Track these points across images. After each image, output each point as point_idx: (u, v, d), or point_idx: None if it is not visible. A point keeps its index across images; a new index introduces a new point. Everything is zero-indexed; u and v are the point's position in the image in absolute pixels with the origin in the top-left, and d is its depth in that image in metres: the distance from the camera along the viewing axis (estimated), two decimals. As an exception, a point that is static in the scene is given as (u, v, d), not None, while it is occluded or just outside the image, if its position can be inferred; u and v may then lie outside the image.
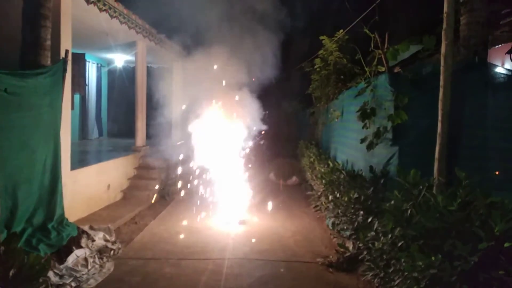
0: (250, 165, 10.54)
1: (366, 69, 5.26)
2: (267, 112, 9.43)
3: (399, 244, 3.05)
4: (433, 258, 2.51)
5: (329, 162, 6.55)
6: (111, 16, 6.74)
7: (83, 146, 10.82)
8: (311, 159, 7.84)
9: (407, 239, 3.01)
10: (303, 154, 9.48)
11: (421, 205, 2.95)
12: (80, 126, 12.13)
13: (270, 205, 7.90)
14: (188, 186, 8.41)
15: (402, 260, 2.84)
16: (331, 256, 5.10)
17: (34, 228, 4.64)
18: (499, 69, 4.68)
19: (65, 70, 5.47)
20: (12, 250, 3.11)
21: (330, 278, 4.64)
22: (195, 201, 7.67)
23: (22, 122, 4.44)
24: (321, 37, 8.77)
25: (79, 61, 8.72)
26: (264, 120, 8.98)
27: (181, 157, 9.45)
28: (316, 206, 7.29)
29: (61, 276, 4.28)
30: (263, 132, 9.72)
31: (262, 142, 10.55)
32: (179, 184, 9.00)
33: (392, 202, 3.49)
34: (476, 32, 4.64)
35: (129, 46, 9.46)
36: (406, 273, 2.84)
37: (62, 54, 5.57)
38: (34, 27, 4.73)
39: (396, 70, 4.94)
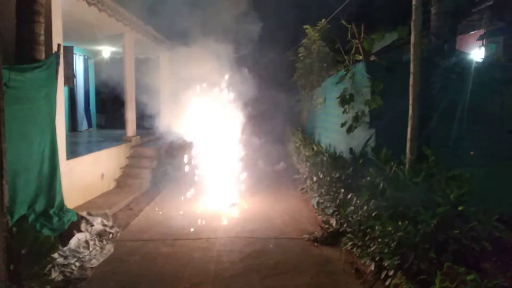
0: (239, 152, 10.90)
1: (345, 57, 5.60)
2: (254, 100, 9.71)
3: (373, 214, 3.44)
4: (400, 223, 2.90)
5: (314, 146, 6.92)
6: (100, 10, 6.92)
7: (74, 137, 10.98)
8: (297, 144, 8.22)
9: (380, 210, 3.41)
10: (289, 140, 9.84)
11: (391, 179, 3.34)
12: (69, 118, 12.24)
13: (259, 189, 8.26)
14: (180, 172, 8.71)
15: (376, 228, 3.23)
16: (316, 233, 5.50)
17: (36, 214, 4.92)
18: (466, 56, 5.09)
19: (58, 64, 5.69)
20: (24, 230, 3.40)
21: (315, 251, 5.05)
22: (187, 187, 7.98)
23: (20, 114, 4.68)
24: (305, 26, 9.07)
25: (67, 53, 8.80)
26: (251, 108, 9.28)
27: (171, 145, 9.75)
28: (303, 188, 7.69)
29: (65, 257, 4.59)
30: (250, 119, 10.02)
31: (249, 130, 10.83)
32: (171, 171, 9.32)
33: (368, 178, 3.88)
34: (445, 22, 5.02)
35: (116, 38, 9.60)
36: (379, 239, 3.24)
37: (55, 48, 5.78)
38: (28, 22, 4.92)
39: (372, 58, 5.30)
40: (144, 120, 10.97)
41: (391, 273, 3.07)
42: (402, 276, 2.96)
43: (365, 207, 3.55)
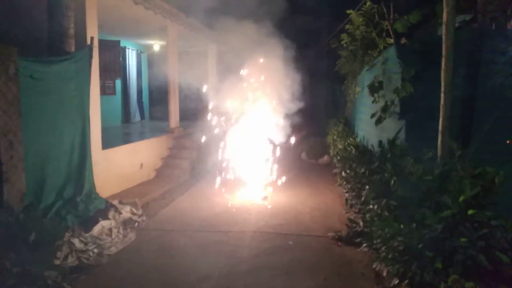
0: (282, 145, 10.67)
1: (379, 42, 5.11)
2: (298, 91, 9.40)
3: (382, 214, 3.07)
4: (402, 226, 2.53)
5: (349, 139, 6.49)
6: (135, 3, 7.06)
7: (124, 128, 11.51)
8: (334, 137, 7.80)
9: (389, 209, 3.03)
10: (329, 132, 9.41)
11: (402, 176, 2.94)
12: (122, 110, 12.86)
13: (296, 183, 8.00)
14: (219, 164, 8.72)
15: (380, 230, 2.87)
16: (342, 231, 5.14)
17: (64, 200, 5.15)
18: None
19: (91, 56, 5.88)
20: (31, 217, 3.52)
21: (337, 251, 4.72)
22: (224, 179, 7.93)
23: (48, 105, 4.90)
24: (348, 11, 8.52)
25: (114, 48, 9.22)
26: (295, 99, 8.99)
27: (213, 137, 9.78)
28: (340, 184, 7.28)
29: (85, 243, 4.73)
30: (294, 111, 9.74)
31: (294, 122, 10.56)
32: (210, 163, 9.35)
33: (385, 174, 3.48)
34: (493, -4, 4.36)
35: (160, 31, 9.79)
36: (385, 243, 2.88)
37: (89, 41, 5.98)
38: (57, 16, 5.12)
39: (403, 41, 4.76)
40: (190, 112, 11.18)
41: (396, 281, 2.71)
42: (406, 287, 2.59)
43: (376, 206, 3.18)
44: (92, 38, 5.99)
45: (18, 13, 5.46)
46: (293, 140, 9.07)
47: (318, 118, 11.48)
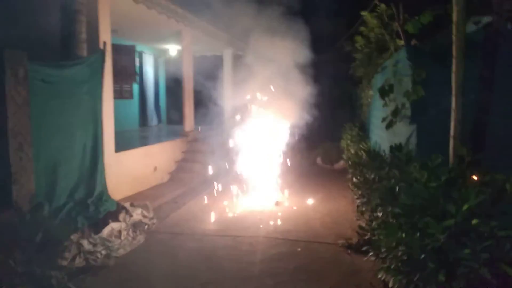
0: (297, 150, 10.57)
1: (390, 43, 4.99)
2: (316, 95, 9.31)
3: (387, 221, 2.96)
4: (403, 235, 2.43)
5: (362, 143, 6.36)
6: (148, 7, 7.14)
7: (141, 132, 11.67)
8: (348, 142, 7.66)
9: (395, 217, 2.92)
10: (343, 137, 9.27)
11: (408, 183, 2.83)
12: (140, 114, 13.03)
13: (310, 188, 7.90)
14: (233, 168, 8.69)
15: (385, 238, 2.77)
16: (353, 239, 5.02)
17: (75, 202, 5.21)
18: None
19: (103, 61, 5.97)
20: (38, 218, 3.57)
21: (346, 259, 4.60)
22: (238, 184, 7.88)
23: (60, 108, 4.98)
24: (362, 13, 8.37)
25: (129, 52, 9.35)
26: (312, 103, 8.91)
27: (228, 141, 9.78)
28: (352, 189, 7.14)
29: (94, 245, 4.78)
30: (310, 115, 9.66)
31: (309, 126, 10.47)
32: (224, 167, 9.34)
33: (392, 181, 3.37)
34: (509, -5, 4.17)
35: (176, 35, 9.89)
36: (388, 253, 2.77)
37: (102, 46, 6.07)
38: (70, 21, 5.23)
39: (413, 42, 4.62)
40: (206, 115, 11.23)
41: (400, 293, 2.60)
42: (408, 299, 2.48)
43: (380, 213, 3.07)
44: (104, 43, 6.08)
45: (31, 19, 5.60)
46: (307, 144, 9.00)
47: (335, 123, 11.31)
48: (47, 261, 3.60)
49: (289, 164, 8.70)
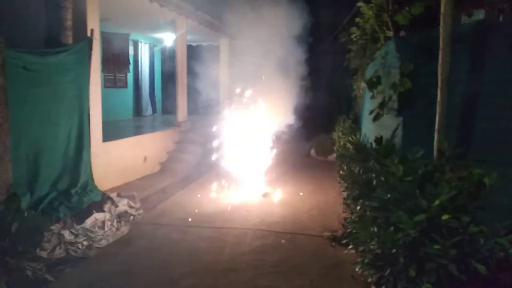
0: (291, 141, 10.51)
1: (380, 34, 4.89)
2: (309, 87, 9.22)
3: (364, 215, 2.91)
4: (375, 229, 2.37)
5: (351, 136, 6.29)
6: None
7: (134, 121, 11.59)
8: (340, 134, 7.59)
9: (371, 210, 2.87)
10: (335, 129, 9.21)
11: (383, 176, 2.77)
12: (134, 103, 12.93)
13: (300, 180, 7.85)
14: (225, 159, 8.63)
15: (356, 232, 2.71)
16: (339, 231, 4.98)
17: (58, 192, 5.16)
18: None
19: (90, 49, 5.87)
20: (11, 209, 3.51)
21: (330, 252, 4.57)
22: (228, 175, 7.82)
23: (42, 96, 4.89)
24: (358, 4, 8.23)
25: (123, 41, 9.24)
26: (306, 95, 8.83)
27: (220, 133, 9.71)
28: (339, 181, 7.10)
29: (76, 235, 4.73)
30: (305, 107, 9.59)
31: (304, 118, 10.39)
32: (215, 158, 9.28)
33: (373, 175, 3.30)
34: (501, -14, 4.08)
35: (170, 24, 9.74)
36: (362, 247, 2.72)
37: (89, 34, 5.96)
38: (55, 7, 5.12)
39: (401, 34, 4.52)
40: (201, 105, 11.14)
41: (373, 288, 2.55)
42: (380, 294, 2.43)
43: (358, 207, 3.02)
44: (92, 30, 5.97)
45: (14, 6, 5.49)
46: (302, 136, 8.92)
47: (329, 115, 11.23)
48: (23, 252, 3.55)
49: (282, 155, 8.65)
